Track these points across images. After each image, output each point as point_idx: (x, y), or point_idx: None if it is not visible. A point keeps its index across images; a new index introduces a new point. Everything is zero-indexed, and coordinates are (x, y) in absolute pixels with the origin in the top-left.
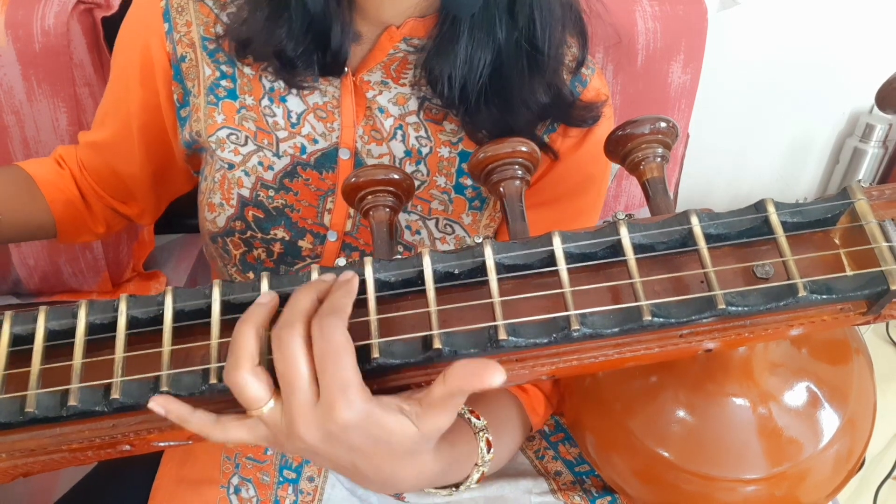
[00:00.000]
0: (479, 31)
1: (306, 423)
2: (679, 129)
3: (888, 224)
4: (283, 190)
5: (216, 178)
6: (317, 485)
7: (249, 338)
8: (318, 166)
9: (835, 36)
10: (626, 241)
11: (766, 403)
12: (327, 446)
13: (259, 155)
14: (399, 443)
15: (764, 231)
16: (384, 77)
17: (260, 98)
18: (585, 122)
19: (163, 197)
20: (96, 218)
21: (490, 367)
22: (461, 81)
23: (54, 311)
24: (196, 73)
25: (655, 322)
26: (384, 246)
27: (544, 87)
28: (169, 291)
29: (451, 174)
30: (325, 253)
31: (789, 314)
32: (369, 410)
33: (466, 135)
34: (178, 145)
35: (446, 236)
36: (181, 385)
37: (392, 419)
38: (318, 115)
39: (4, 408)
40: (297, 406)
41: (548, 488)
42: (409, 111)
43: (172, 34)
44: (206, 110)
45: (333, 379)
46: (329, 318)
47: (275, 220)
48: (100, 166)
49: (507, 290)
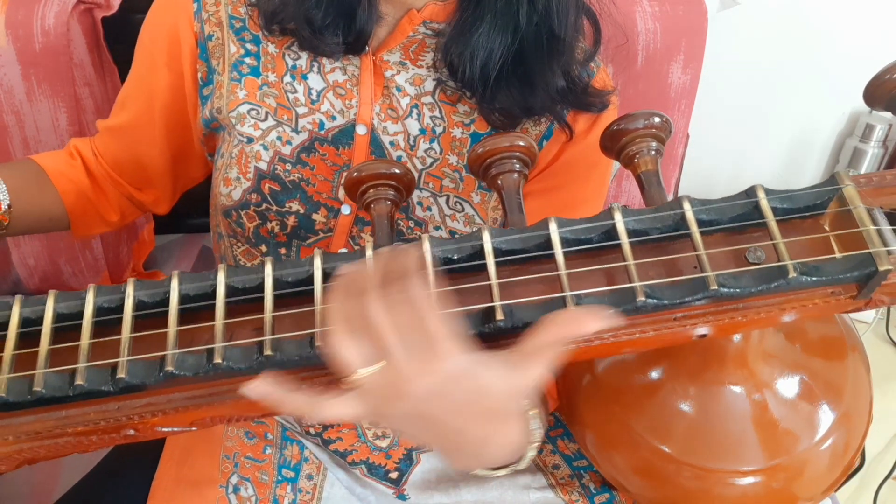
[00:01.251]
0: (500, 17)
1: (407, 379)
2: (672, 124)
3: (876, 210)
4: (299, 164)
5: (234, 154)
6: (315, 483)
7: (343, 304)
8: (335, 142)
9: (835, 36)
10: (621, 225)
11: (761, 391)
12: (428, 404)
13: (278, 130)
14: (495, 399)
15: (755, 216)
16: (403, 58)
17: (283, 75)
18: (595, 107)
19: (178, 184)
20: (110, 205)
21: (590, 312)
22: (482, 63)
23: (63, 294)
24: (222, 52)
25: (649, 303)
26: (385, 238)
27: (562, 71)
28: (175, 275)
29: (462, 154)
30: (339, 227)
31: (781, 297)
32: (468, 360)
33: (481, 116)
34: (196, 125)
35: (456, 213)
36: (186, 365)
37: (490, 371)
38: (337, 92)
39: (13, 387)
40: (398, 362)
41: (546, 483)
42: (425, 91)
43: (201, 13)
44: (230, 86)
45: (428, 332)
46: (405, 281)
47: (290, 193)
48: (118, 152)
49: (504, 274)
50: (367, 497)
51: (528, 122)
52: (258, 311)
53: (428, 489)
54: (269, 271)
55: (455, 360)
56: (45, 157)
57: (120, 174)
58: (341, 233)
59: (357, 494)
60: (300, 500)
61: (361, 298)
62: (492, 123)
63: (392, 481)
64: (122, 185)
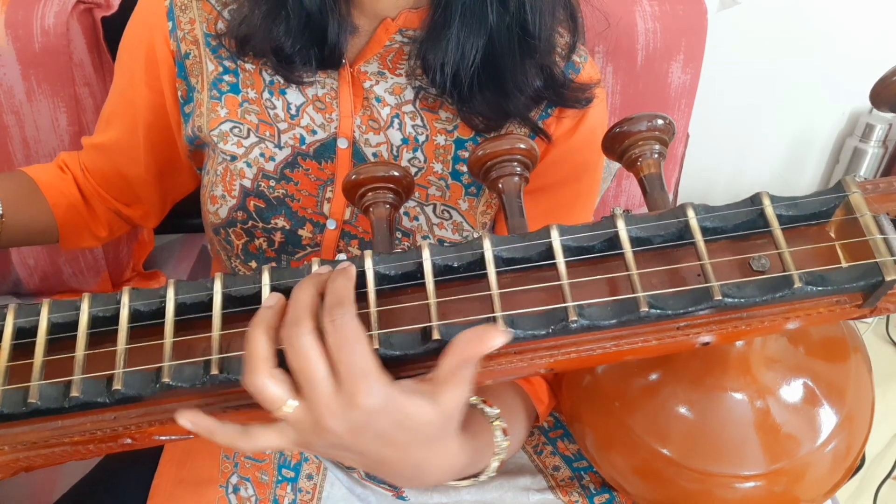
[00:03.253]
0: (470, 17)
1: (331, 415)
2: (675, 126)
3: (882, 217)
4: (283, 180)
5: (218, 171)
6: (316, 483)
7: (262, 341)
8: (318, 156)
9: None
10: (624, 233)
11: (763, 397)
12: (354, 437)
13: (261, 146)
14: (422, 427)
15: (760, 224)
16: (380, 68)
17: (262, 91)
18: (579, 103)
19: (167, 198)
20: (99, 221)
21: (489, 329)
22: (454, 68)
23: (57, 303)
24: (200, 70)
25: (652, 314)
26: (384, 241)
27: (537, 69)
28: (171, 284)
29: (447, 161)
30: (325, 241)
31: (785, 306)
32: (390, 394)
33: (462, 121)
34: (181, 142)
35: (444, 221)
36: (183, 376)
37: (411, 402)
38: (316, 106)
39: (8, 399)
40: (320, 399)
41: (546, 485)
42: (406, 100)
43: (176, 32)
44: (209, 105)
45: (351, 367)
46: (337, 309)
47: (275, 210)
48: (104, 168)
49: (505, 283)
50: (367, 497)
51: (512, 124)
52: None
53: (427, 490)
54: (266, 280)
55: (377, 396)
56: (36, 169)
57: (107, 190)
58: (328, 247)
59: (357, 494)
60: (300, 500)
61: (290, 329)
62: (474, 128)
63: (391, 484)
64: (109, 200)
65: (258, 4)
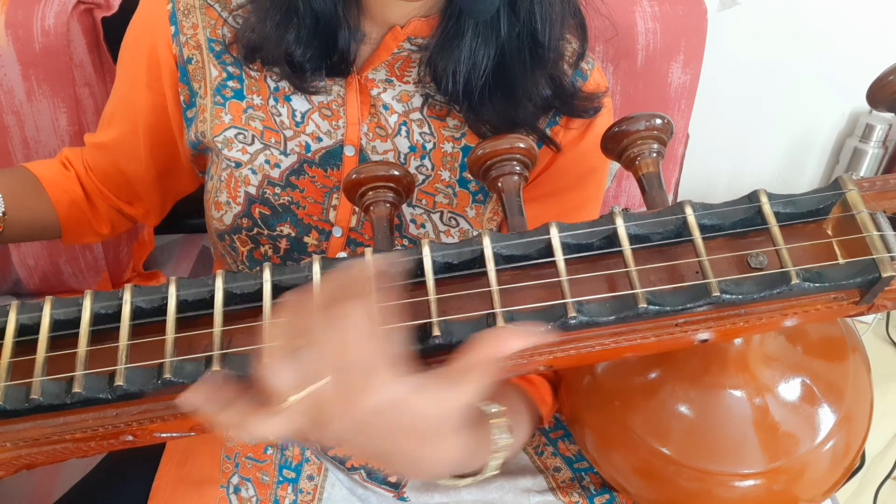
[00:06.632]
0: (483, 28)
1: (331, 414)
2: (674, 125)
3: (879, 215)
4: (289, 187)
5: (223, 177)
6: (316, 484)
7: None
8: (324, 164)
9: (835, 36)
10: (622, 230)
11: (762, 395)
12: (355, 436)
13: (266, 153)
14: (426, 422)
15: (757, 221)
16: (388, 75)
17: (267, 98)
18: (587, 113)
19: (168, 197)
20: (101, 218)
21: (511, 330)
22: (465, 77)
23: (60, 300)
24: (202, 75)
25: (651, 310)
26: (385, 240)
27: (546, 79)
28: (173, 281)
29: (454, 168)
30: (331, 249)
31: (783, 303)
32: (398, 391)
33: (470, 129)
34: (183, 146)
35: (451, 229)
36: (184, 372)
37: (420, 398)
38: (322, 113)
39: (10, 395)
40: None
41: (546, 486)
42: (413, 108)
43: (179, 36)
44: (213, 111)
45: (363, 360)
46: (347, 304)
47: (281, 217)
48: (106, 166)
49: (505, 280)
50: (367, 498)
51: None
52: (257, 316)
53: (428, 490)
54: (267, 276)
55: (386, 391)
56: (39, 165)
57: (109, 188)
58: (334, 255)
59: (358, 495)
60: (301, 500)
61: (303, 321)
62: (482, 136)
63: (391, 485)
64: (111, 198)
65: (269, 12)
